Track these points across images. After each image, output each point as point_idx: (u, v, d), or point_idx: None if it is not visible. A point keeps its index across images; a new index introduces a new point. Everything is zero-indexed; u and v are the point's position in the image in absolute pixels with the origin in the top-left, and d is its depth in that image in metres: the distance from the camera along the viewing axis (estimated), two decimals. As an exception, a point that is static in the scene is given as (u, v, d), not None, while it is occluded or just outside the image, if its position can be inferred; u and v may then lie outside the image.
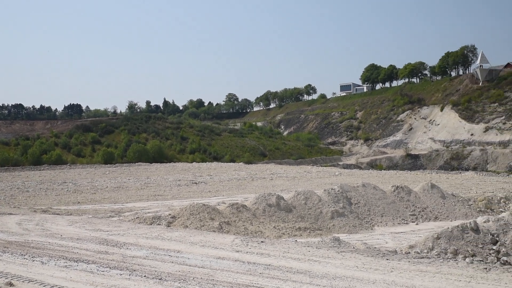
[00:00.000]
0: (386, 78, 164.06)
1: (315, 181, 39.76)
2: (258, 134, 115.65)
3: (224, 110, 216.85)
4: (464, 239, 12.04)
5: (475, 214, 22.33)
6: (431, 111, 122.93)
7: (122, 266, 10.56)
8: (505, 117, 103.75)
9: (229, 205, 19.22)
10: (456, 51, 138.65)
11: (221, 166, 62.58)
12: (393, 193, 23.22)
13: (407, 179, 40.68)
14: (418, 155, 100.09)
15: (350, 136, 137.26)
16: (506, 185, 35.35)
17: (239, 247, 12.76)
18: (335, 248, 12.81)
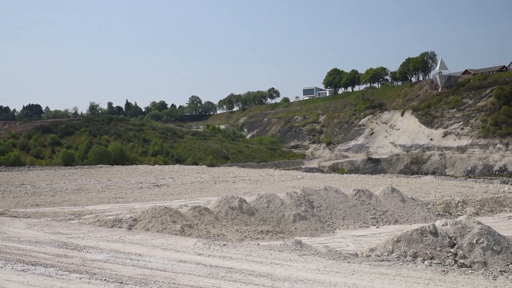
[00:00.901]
0: (349, 83, 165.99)
1: (277, 185, 39.89)
2: (221, 137, 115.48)
3: (187, 112, 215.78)
4: (423, 242, 12.23)
5: (433, 218, 22.72)
6: (392, 116, 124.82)
7: (82, 270, 10.37)
8: (463, 123, 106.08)
9: (192, 208, 19.12)
10: (417, 57, 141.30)
11: (184, 169, 62.25)
12: (355, 196, 23.46)
13: (368, 183, 41.17)
14: (379, 159, 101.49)
15: (312, 140, 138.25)
16: (464, 189, 36.13)
17: (201, 250, 12.70)
18: (297, 251, 12.86)
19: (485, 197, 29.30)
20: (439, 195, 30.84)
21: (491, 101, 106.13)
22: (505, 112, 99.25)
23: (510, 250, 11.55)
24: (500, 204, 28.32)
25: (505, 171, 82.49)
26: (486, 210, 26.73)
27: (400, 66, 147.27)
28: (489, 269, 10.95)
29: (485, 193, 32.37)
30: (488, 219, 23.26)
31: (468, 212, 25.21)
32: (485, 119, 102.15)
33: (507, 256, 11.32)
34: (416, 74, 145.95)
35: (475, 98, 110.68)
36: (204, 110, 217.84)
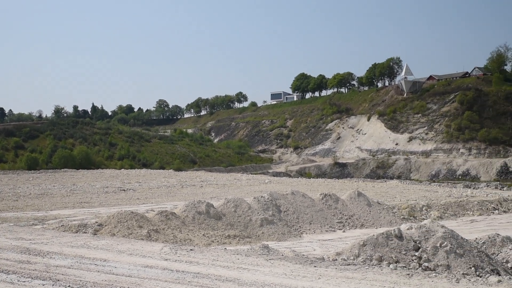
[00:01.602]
0: (316, 88, 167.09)
1: (245, 189, 39.89)
2: (188, 141, 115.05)
3: (154, 116, 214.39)
4: (389, 246, 12.37)
5: (399, 222, 23.01)
6: (359, 121, 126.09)
7: (45, 276, 10.19)
8: (427, 128, 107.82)
9: (158, 213, 18.98)
10: (383, 63, 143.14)
11: (151, 173, 61.77)
12: (321, 201, 23.60)
13: (335, 187, 41.48)
14: (345, 164, 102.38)
15: (280, 144, 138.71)
16: (428, 193, 36.69)
17: (167, 255, 12.60)
18: (264, 256, 12.87)
19: (448, 201, 29.82)
20: (404, 199, 31.26)
21: (455, 106, 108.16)
22: (468, 118, 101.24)
23: (472, 253, 11.76)
24: (463, 208, 28.85)
25: (468, 176, 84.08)
26: (449, 214, 27.21)
27: (366, 71, 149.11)
28: (452, 272, 11.13)
29: (448, 197, 32.94)
30: (451, 223, 23.67)
31: (432, 216, 25.62)
32: (448, 124, 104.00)
33: (470, 259, 11.53)
34: (382, 80, 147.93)
35: (439, 104, 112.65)
36: (172, 114, 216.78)
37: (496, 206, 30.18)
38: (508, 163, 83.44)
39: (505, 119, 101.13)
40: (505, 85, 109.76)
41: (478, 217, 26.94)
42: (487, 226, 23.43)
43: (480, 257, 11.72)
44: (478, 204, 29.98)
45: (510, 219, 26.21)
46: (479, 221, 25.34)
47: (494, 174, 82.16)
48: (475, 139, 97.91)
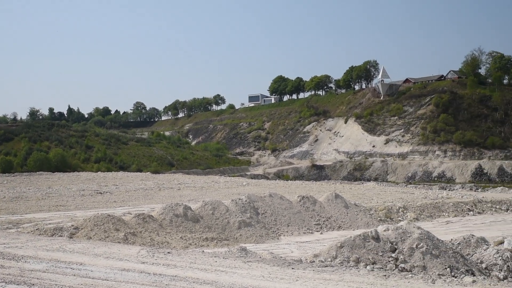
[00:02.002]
0: (293, 90, 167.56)
1: (222, 191, 39.83)
2: (166, 143, 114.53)
3: (131, 118, 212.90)
4: (366, 247, 12.44)
5: (376, 223, 23.17)
6: (336, 123, 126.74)
7: (20, 281, 10.05)
8: (403, 130, 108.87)
9: (135, 216, 18.85)
10: (360, 66, 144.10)
11: (128, 176, 61.35)
12: (299, 203, 23.66)
13: (313, 189, 41.62)
14: (323, 166, 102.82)
15: (258, 147, 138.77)
16: (404, 195, 37.02)
17: (144, 259, 12.52)
18: (241, 258, 12.86)
19: (424, 203, 30.13)
20: (381, 201, 31.49)
21: (430, 109, 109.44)
22: (443, 120, 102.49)
23: (447, 254, 11.90)
24: (438, 209, 29.19)
25: (443, 177, 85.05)
26: (425, 215, 27.49)
27: (343, 74, 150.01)
28: (428, 273, 11.25)
29: (424, 199, 33.26)
30: (427, 224, 23.92)
31: (409, 217, 25.87)
32: (424, 126, 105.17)
33: (445, 260, 11.66)
34: (359, 82, 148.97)
35: (415, 106, 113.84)
36: (149, 117, 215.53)
37: (471, 207, 30.59)
38: (483, 165, 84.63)
39: (479, 121, 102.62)
40: (479, 88, 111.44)
41: (453, 218, 27.28)
42: (462, 227, 23.73)
43: (455, 257, 11.86)
44: (453, 205, 30.35)
45: (484, 220, 26.59)
46: (455, 222, 25.65)
47: (469, 176, 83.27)
48: (450, 141, 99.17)
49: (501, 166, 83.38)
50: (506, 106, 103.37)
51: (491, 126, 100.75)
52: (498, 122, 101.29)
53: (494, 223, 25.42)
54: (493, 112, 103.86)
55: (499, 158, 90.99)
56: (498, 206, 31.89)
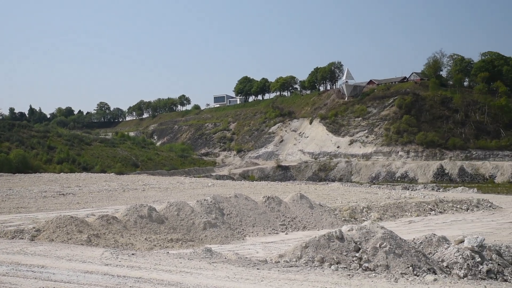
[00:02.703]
0: (259, 91, 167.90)
1: (188, 192, 39.64)
2: (130, 144, 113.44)
3: (95, 119, 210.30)
4: (330, 247, 12.55)
5: (340, 223, 23.38)
6: (301, 124, 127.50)
7: (-21, 284, 9.84)
8: (367, 131, 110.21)
9: (99, 217, 18.61)
10: (324, 67, 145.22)
11: (91, 177, 60.50)
12: (264, 203, 23.70)
13: (278, 190, 41.74)
14: (288, 167, 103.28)
15: (223, 147, 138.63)
16: (368, 195, 37.46)
17: (108, 260, 12.38)
18: (207, 259, 12.83)
19: (388, 203, 30.53)
20: (345, 201, 31.77)
21: (394, 110, 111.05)
22: (406, 121, 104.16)
23: (410, 253, 12.08)
24: (401, 209, 29.62)
25: (406, 178, 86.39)
26: (389, 215, 27.86)
27: (308, 75, 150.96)
28: (391, 272, 11.40)
29: (388, 199, 33.71)
30: (390, 224, 24.24)
31: (372, 217, 26.17)
32: (388, 127, 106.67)
33: (408, 259, 11.84)
34: (324, 83, 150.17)
35: (379, 108, 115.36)
36: (113, 117, 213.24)
37: (432, 207, 31.12)
38: (444, 166, 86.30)
39: (441, 123, 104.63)
40: (441, 90, 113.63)
41: (415, 218, 27.71)
42: (424, 226, 24.13)
43: (418, 256, 12.06)
44: (415, 205, 30.84)
45: (445, 220, 27.09)
46: (417, 222, 26.07)
47: (431, 176, 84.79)
48: (413, 142, 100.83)
49: (462, 167, 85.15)
50: (467, 108, 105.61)
51: (452, 127, 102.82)
52: (459, 123, 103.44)
53: (455, 223, 25.93)
54: (454, 113, 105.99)
55: (459, 158, 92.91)
56: (458, 206, 32.53)
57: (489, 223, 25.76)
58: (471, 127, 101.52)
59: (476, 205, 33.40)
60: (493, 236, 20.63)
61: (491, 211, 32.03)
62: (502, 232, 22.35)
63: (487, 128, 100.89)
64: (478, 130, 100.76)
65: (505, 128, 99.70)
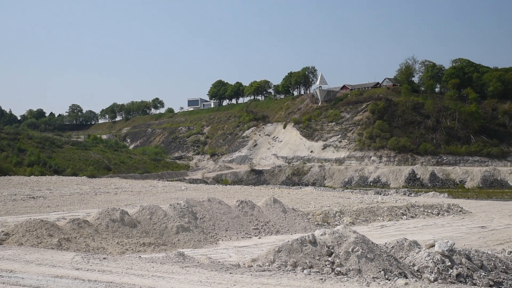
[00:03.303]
0: (233, 95, 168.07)
1: (161, 196, 39.39)
2: (102, 147, 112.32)
3: (67, 121, 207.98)
4: (303, 251, 12.57)
5: (313, 228, 23.48)
6: (275, 128, 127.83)
7: None
8: (341, 136, 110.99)
9: (70, 221, 18.38)
10: (298, 72, 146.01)
11: (62, 180, 59.74)
12: (238, 207, 23.68)
13: (251, 194, 41.75)
14: (262, 171, 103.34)
15: (197, 151, 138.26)
16: (341, 200, 37.68)
17: (79, 265, 12.23)
18: (179, 263, 12.75)
19: (360, 207, 30.75)
20: (318, 205, 31.90)
21: (367, 115, 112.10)
22: (379, 126, 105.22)
23: (382, 257, 12.18)
24: (374, 213, 29.86)
25: (379, 182, 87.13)
26: (361, 219, 28.06)
27: (282, 79, 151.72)
28: (363, 276, 11.48)
29: (360, 204, 33.95)
30: (363, 228, 24.41)
31: (345, 221, 26.33)
32: (361, 132, 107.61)
33: (379, 263, 11.93)
34: (298, 88, 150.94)
35: (352, 113, 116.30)
36: (85, 120, 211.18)
37: (404, 211, 31.46)
38: (416, 171, 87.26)
39: (413, 128, 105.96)
40: (413, 95, 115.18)
41: (387, 223, 27.96)
42: (396, 231, 24.36)
43: (389, 261, 12.16)
44: (387, 210, 31.12)
45: (417, 224, 27.40)
46: (389, 226, 26.31)
47: (403, 181, 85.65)
48: (385, 147, 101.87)
49: (433, 172, 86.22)
50: (438, 114, 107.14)
51: (424, 132, 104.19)
52: (430, 129, 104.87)
53: (426, 227, 26.24)
54: (426, 119, 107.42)
55: (431, 164, 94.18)
56: (429, 211, 32.94)
57: (459, 228, 26.14)
58: (442, 132, 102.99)
59: (447, 210, 33.88)
60: (463, 240, 20.94)
61: (461, 216, 32.51)
62: (472, 236, 22.69)
63: (458, 134, 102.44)
64: (449, 135, 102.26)
65: (475, 134, 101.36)
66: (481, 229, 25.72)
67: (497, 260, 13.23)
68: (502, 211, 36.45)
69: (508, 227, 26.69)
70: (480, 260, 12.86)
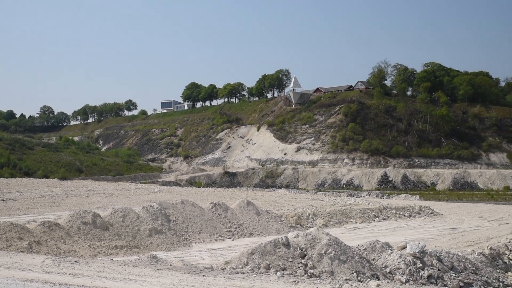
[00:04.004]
0: (207, 97, 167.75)
1: (133, 198, 39.10)
2: (74, 149, 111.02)
3: (38, 123, 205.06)
4: (276, 254, 12.59)
5: (286, 230, 23.52)
6: (248, 131, 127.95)
7: None
8: (314, 138, 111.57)
9: (41, 224, 18.12)
10: (272, 74, 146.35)
11: (33, 182, 58.87)
12: (211, 210, 23.62)
13: (225, 196, 41.69)
14: (235, 173, 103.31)
15: (170, 153, 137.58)
16: (314, 202, 37.87)
17: (50, 268, 12.05)
18: (152, 266, 12.66)
19: (333, 210, 30.93)
20: (291, 207, 31.99)
21: (340, 118, 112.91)
22: (351, 129, 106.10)
23: (354, 259, 12.26)
24: (346, 216, 30.06)
25: (352, 185, 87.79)
26: (334, 221, 28.22)
27: (256, 82, 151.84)
28: (336, 278, 11.54)
29: (333, 206, 34.16)
30: (336, 230, 24.56)
31: (318, 224, 26.45)
32: (334, 135, 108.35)
33: (352, 265, 12.01)
34: (271, 91, 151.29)
35: (325, 115, 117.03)
36: (57, 121, 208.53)
37: (376, 214, 31.74)
38: (388, 173, 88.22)
39: (385, 131, 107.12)
40: (385, 98, 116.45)
41: (360, 225, 28.17)
42: (368, 233, 24.54)
43: (362, 263, 12.25)
44: (360, 212, 31.36)
45: (389, 226, 27.66)
46: (361, 228, 26.50)
47: (375, 183, 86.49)
48: (358, 149, 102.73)
49: (405, 174, 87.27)
50: (410, 117, 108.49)
51: (396, 135, 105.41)
52: (402, 132, 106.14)
53: (398, 229, 26.51)
54: (398, 122, 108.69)
55: (403, 166, 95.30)
56: (401, 213, 33.29)
57: (430, 230, 26.46)
58: (414, 135, 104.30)
59: (418, 212, 34.27)
60: (434, 242, 21.19)
61: (432, 218, 32.94)
62: (443, 238, 22.98)
63: (429, 136, 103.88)
64: (420, 138, 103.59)
65: (446, 137, 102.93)
66: (452, 230, 26.08)
67: (467, 261, 13.43)
68: (472, 213, 37.06)
69: (478, 229, 27.13)
70: (451, 262, 13.04)
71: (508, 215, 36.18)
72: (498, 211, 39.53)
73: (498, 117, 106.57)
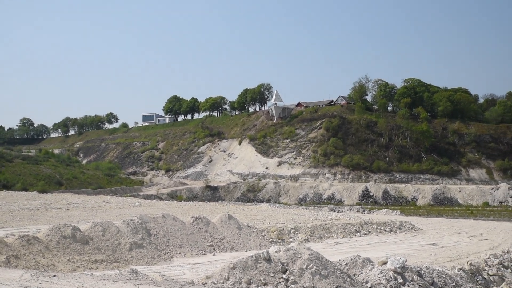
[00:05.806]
0: (188, 111, 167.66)
1: (114, 212, 38.78)
2: (54, 161, 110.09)
3: (17, 135, 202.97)
4: (257, 268, 12.56)
5: (268, 244, 23.48)
6: (230, 145, 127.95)
7: None
8: (295, 153, 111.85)
9: (19, 237, 17.88)
10: (254, 88, 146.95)
11: (12, 195, 58.14)
12: (192, 224, 23.51)
13: (206, 210, 41.55)
14: (217, 187, 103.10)
15: (151, 167, 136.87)
16: (296, 217, 37.88)
17: (28, 283, 11.89)
18: (132, 281, 12.55)
19: (315, 224, 30.95)
20: (273, 222, 31.96)
21: (321, 133, 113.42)
22: (333, 144, 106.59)
23: (336, 274, 12.28)
24: (328, 230, 30.10)
25: (333, 199, 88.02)
26: (315, 236, 28.23)
27: (238, 96, 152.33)
28: (317, 292, 11.54)
29: (315, 220, 34.18)
30: (317, 245, 24.56)
31: (300, 238, 26.44)
32: (315, 149, 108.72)
33: (333, 280, 12.02)
34: (253, 105, 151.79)
35: (307, 130, 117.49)
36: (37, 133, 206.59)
37: (357, 228, 31.84)
38: (369, 188, 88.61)
39: (366, 146, 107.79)
40: (366, 114, 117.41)
41: (341, 240, 28.21)
42: (349, 248, 24.59)
43: (343, 278, 12.27)
44: (341, 227, 31.43)
45: (370, 241, 27.75)
46: (343, 243, 26.54)
47: (357, 198, 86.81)
48: (339, 164, 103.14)
49: (386, 189, 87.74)
50: (390, 132, 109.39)
51: (377, 150, 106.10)
52: (383, 147, 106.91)
53: (378, 244, 26.60)
54: (379, 137, 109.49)
55: (384, 181, 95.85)
56: (382, 228, 33.45)
57: (411, 245, 26.60)
58: (395, 150, 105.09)
59: (399, 227, 34.46)
60: (414, 257, 21.30)
61: (413, 233, 33.13)
62: (423, 253, 23.11)
63: (410, 152, 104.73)
64: (401, 153, 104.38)
65: (426, 152, 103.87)
66: (432, 246, 26.25)
67: (447, 277, 13.52)
68: (452, 228, 37.36)
69: (458, 244, 27.35)
70: (431, 277, 13.11)
71: (487, 230, 36.54)
72: (478, 227, 39.91)
73: (477, 133, 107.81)
